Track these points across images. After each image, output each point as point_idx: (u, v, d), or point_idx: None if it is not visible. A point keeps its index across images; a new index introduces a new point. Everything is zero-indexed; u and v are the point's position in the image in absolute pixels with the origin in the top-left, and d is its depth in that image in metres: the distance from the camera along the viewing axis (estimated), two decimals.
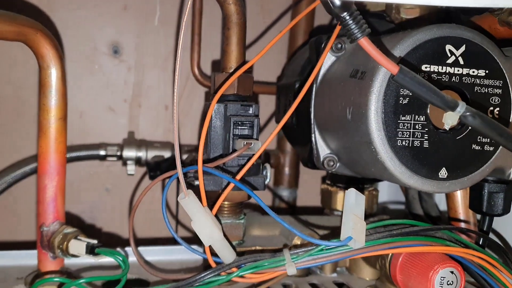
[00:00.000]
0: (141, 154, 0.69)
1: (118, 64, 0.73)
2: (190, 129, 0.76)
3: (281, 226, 0.54)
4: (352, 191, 0.43)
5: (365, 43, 0.35)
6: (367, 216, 0.57)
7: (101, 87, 0.72)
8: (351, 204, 0.42)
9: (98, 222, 0.74)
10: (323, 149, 0.51)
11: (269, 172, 0.51)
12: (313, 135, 0.52)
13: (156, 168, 0.66)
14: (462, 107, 0.36)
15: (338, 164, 0.51)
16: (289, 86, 0.57)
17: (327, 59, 0.50)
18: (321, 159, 0.51)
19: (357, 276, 0.55)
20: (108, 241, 0.74)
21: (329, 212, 0.61)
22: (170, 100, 0.75)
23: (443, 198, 0.64)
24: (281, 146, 0.75)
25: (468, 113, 0.36)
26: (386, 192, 0.79)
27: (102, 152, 0.69)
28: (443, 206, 0.64)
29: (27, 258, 0.51)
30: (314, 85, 0.52)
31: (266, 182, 0.50)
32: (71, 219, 0.73)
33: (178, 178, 0.42)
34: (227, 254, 0.43)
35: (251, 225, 0.55)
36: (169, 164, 0.64)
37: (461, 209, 0.58)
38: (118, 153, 0.69)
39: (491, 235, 0.54)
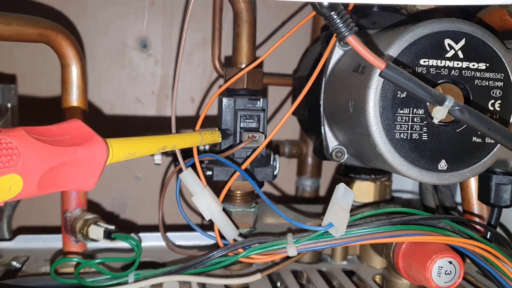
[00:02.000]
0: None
1: (146, 58, 0.76)
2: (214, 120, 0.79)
3: (292, 214, 0.57)
4: (341, 186, 0.45)
5: (353, 40, 0.36)
6: (379, 203, 0.58)
7: (130, 80, 0.76)
8: (338, 196, 0.44)
9: (128, 209, 0.79)
10: (332, 141, 0.53)
11: (278, 163, 0.53)
12: (322, 127, 0.53)
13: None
14: (450, 101, 0.36)
15: (346, 156, 0.53)
16: (302, 79, 0.59)
17: (336, 54, 0.52)
18: (330, 150, 0.53)
19: (367, 264, 0.56)
20: (134, 226, 0.78)
21: None
22: (195, 92, 0.78)
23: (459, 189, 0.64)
24: (304, 137, 0.76)
25: (456, 107, 0.37)
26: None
27: None
28: (459, 198, 0.65)
29: (55, 242, 0.56)
30: (324, 79, 0.53)
31: (275, 173, 0.52)
32: (104, 206, 0.78)
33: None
34: (229, 230, 0.46)
35: (264, 213, 0.57)
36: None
37: (475, 200, 0.58)
38: None
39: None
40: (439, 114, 0.37)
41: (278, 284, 0.53)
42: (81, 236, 0.49)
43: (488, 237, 0.50)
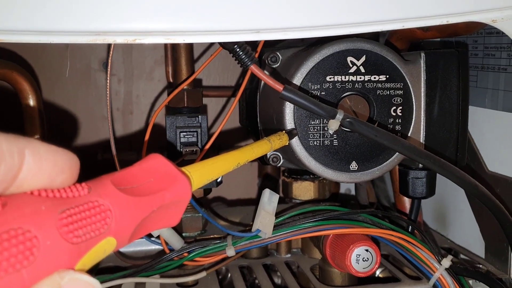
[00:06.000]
0: (132, 157, 0.79)
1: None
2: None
3: (241, 215, 0.63)
4: (266, 191, 0.51)
5: (254, 68, 0.42)
6: (319, 201, 0.65)
7: (96, 99, 0.82)
8: (264, 202, 0.51)
9: None
10: None
11: None
12: (260, 136, 0.60)
13: None
14: (340, 114, 0.43)
15: (282, 160, 0.59)
16: (243, 92, 0.65)
17: (266, 71, 0.58)
18: (268, 156, 0.59)
19: (309, 256, 0.62)
20: None
21: (288, 201, 0.69)
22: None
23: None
24: None
25: (346, 119, 0.43)
26: None
27: (99, 158, 0.79)
28: None
29: None
30: (258, 93, 0.59)
31: (218, 180, 0.59)
32: None
33: None
34: (174, 242, 0.52)
35: (213, 218, 0.63)
36: None
37: None
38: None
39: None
40: (333, 125, 0.43)
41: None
42: None
43: (409, 227, 0.56)
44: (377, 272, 0.64)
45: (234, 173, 0.63)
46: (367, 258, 0.51)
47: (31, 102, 0.54)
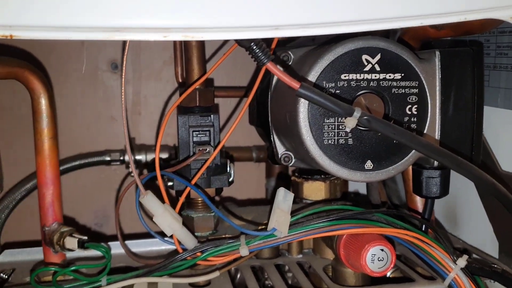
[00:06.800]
0: (141, 157, 0.79)
1: (117, 79, 0.82)
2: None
3: (253, 215, 0.63)
4: (281, 190, 0.51)
5: (271, 66, 0.42)
6: (330, 201, 0.64)
7: (104, 100, 0.82)
8: (279, 200, 0.50)
9: (111, 219, 0.85)
10: (280, 147, 0.59)
11: (233, 170, 0.59)
12: (271, 135, 0.59)
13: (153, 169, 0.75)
14: (358, 112, 0.42)
15: (294, 160, 0.58)
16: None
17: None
18: (279, 156, 0.59)
19: (320, 256, 0.62)
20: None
21: (298, 201, 0.68)
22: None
23: None
24: None
25: (364, 117, 0.43)
26: None
27: (107, 158, 0.79)
28: None
29: (38, 254, 0.61)
30: (269, 92, 0.59)
31: (230, 179, 0.58)
32: (87, 218, 0.83)
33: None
34: (188, 241, 0.52)
35: (227, 216, 0.63)
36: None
37: None
38: (121, 158, 0.79)
39: None
40: (350, 123, 0.43)
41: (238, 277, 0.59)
42: (58, 247, 0.55)
43: (423, 226, 0.56)
44: (388, 273, 0.63)
45: (241, 174, 0.63)
46: (382, 258, 0.50)
47: (43, 101, 0.54)
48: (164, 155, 0.79)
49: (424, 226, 0.55)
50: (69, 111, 0.80)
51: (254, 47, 0.41)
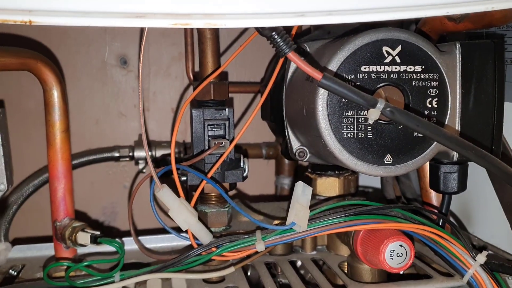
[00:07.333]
0: (150, 153, 0.78)
1: (126, 74, 0.81)
2: None
3: (265, 211, 0.62)
4: (299, 184, 0.50)
5: (292, 56, 0.41)
6: (345, 197, 0.63)
7: (113, 95, 0.81)
8: (297, 194, 0.49)
9: (119, 216, 0.84)
10: (295, 142, 0.58)
11: (247, 165, 0.58)
12: (286, 130, 0.59)
13: (162, 165, 0.74)
14: (381, 103, 0.42)
15: (308, 155, 0.58)
16: (265, 86, 0.64)
17: (293, 64, 0.57)
18: (294, 151, 0.58)
19: (335, 253, 0.61)
20: (125, 233, 0.83)
21: (311, 197, 0.67)
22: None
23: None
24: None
25: (387, 109, 0.42)
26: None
27: (116, 154, 0.78)
28: None
29: (49, 250, 0.61)
30: (284, 86, 0.58)
31: (244, 174, 0.57)
32: (95, 215, 0.83)
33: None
34: (203, 236, 0.51)
35: (245, 210, 0.62)
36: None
37: None
38: (130, 154, 0.78)
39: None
40: (373, 115, 0.42)
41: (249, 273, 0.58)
42: (70, 242, 0.54)
43: (440, 222, 0.55)
44: None
45: (251, 171, 0.62)
46: (401, 254, 0.49)
47: (55, 93, 0.53)
48: None
49: (441, 221, 0.54)
50: (77, 106, 0.79)
51: (276, 36, 0.41)
